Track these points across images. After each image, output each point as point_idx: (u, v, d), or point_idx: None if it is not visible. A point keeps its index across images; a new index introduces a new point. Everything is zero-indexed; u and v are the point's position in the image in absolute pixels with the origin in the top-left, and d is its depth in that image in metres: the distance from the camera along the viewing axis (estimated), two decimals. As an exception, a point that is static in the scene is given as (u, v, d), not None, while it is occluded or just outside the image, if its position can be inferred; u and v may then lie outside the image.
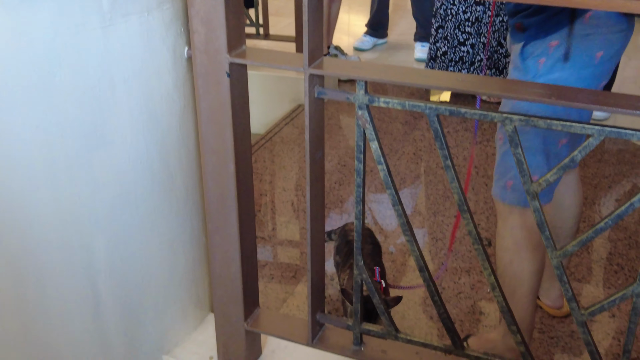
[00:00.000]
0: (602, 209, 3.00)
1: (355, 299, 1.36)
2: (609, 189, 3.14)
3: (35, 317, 1.29)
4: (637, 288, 1.13)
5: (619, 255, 2.61)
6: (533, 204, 1.13)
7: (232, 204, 1.32)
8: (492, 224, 2.85)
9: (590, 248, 2.65)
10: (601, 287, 2.43)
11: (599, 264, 2.57)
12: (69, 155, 1.22)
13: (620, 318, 2.23)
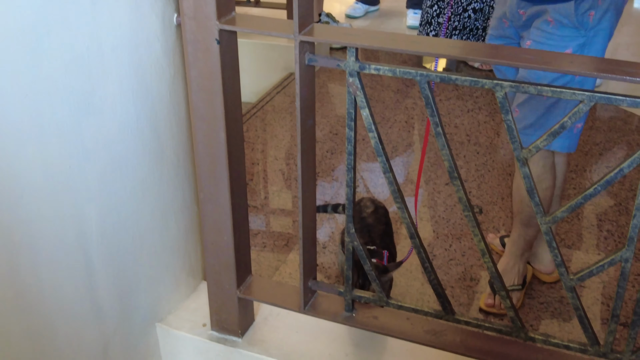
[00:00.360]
0: (593, 175, 3.01)
1: (347, 266, 1.37)
2: (600, 156, 3.15)
3: (29, 285, 1.29)
4: (625, 253, 1.14)
5: (608, 221, 2.63)
6: (523, 170, 1.13)
7: (224, 172, 1.32)
8: (483, 192, 2.87)
9: (580, 215, 2.67)
10: (591, 253, 2.45)
11: (588, 230, 2.59)
12: (58, 123, 1.21)
13: (609, 284, 2.26)
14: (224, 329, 1.52)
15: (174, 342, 1.57)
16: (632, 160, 1.07)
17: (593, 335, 1.23)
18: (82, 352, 1.47)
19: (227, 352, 1.51)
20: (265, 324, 1.56)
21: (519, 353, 1.30)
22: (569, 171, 3.00)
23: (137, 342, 1.54)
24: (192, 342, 1.54)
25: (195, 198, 1.56)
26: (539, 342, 1.27)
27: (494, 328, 1.30)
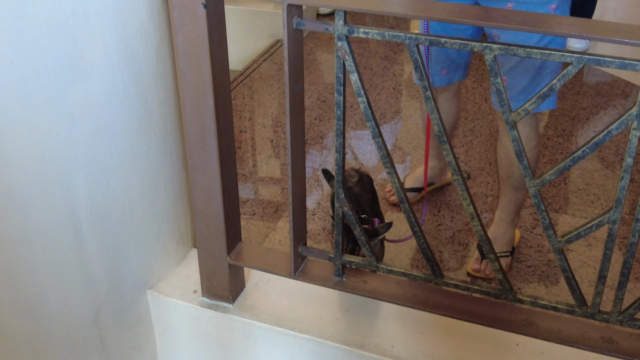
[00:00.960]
0: (580, 140, 3.03)
1: (336, 231, 1.38)
2: (586, 120, 3.16)
3: (18, 254, 1.29)
4: (612, 215, 1.15)
5: (595, 185, 2.65)
6: (512, 134, 1.14)
7: (212, 139, 1.31)
8: (471, 157, 2.87)
9: (567, 179, 2.68)
10: (578, 217, 2.47)
11: (575, 194, 2.61)
12: (44, 90, 1.20)
13: (596, 247, 2.28)
14: (215, 295, 1.53)
15: (165, 308, 1.58)
16: (620, 122, 1.08)
17: (580, 296, 1.24)
18: (73, 319, 1.48)
19: (218, 318, 1.52)
20: (255, 290, 1.57)
21: (508, 315, 1.32)
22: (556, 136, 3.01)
23: (128, 309, 1.55)
24: (183, 308, 1.55)
25: (184, 165, 1.55)
26: (527, 303, 1.28)
27: (483, 291, 1.31)
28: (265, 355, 1.53)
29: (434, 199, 2.60)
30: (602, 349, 1.25)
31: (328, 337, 1.44)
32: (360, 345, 1.42)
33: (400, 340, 1.43)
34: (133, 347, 1.60)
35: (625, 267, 1.18)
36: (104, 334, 1.53)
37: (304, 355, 1.48)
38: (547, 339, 1.28)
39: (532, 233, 2.39)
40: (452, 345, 1.42)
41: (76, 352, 1.52)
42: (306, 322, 1.48)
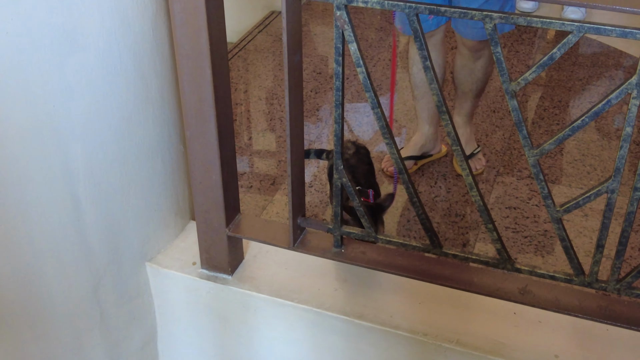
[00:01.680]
0: (576, 111, 3.03)
1: (335, 203, 1.38)
2: (582, 91, 3.16)
3: (16, 226, 1.29)
4: (611, 184, 1.15)
5: (591, 156, 2.66)
6: (512, 103, 1.13)
7: (210, 109, 1.31)
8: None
9: (563, 150, 2.69)
10: (574, 187, 2.48)
11: (572, 165, 2.61)
12: (41, 62, 1.19)
13: (592, 217, 2.30)
14: (214, 267, 1.53)
15: (164, 280, 1.58)
16: (620, 91, 1.07)
17: (578, 265, 1.25)
18: (72, 291, 1.48)
19: (218, 290, 1.52)
20: (254, 262, 1.57)
21: (505, 284, 1.33)
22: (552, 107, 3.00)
23: (127, 281, 1.55)
24: (182, 280, 1.55)
25: (182, 137, 1.55)
26: (525, 273, 1.29)
27: (481, 260, 1.32)
28: (265, 326, 1.54)
29: (430, 171, 2.60)
30: (599, 317, 1.26)
31: (327, 308, 1.45)
32: (359, 316, 1.43)
33: (398, 310, 1.44)
34: (133, 318, 1.61)
35: (623, 236, 1.18)
36: (104, 306, 1.54)
37: (303, 326, 1.49)
38: (544, 308, 1.29)
39: (528, 204, 2.40)
40: (449, 315, 1.43)
41: (76, 324, 1.53)
42: (305, 292, 1.49)
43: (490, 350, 1.35)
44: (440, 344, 1.37)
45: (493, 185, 2.50)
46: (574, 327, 1.39)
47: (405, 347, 1.41)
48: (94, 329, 1.56)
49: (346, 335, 1.45)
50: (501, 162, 2.64)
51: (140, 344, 1.66)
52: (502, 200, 2.41)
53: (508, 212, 2.35)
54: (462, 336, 1.38)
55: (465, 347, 1.36)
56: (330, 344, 1.49)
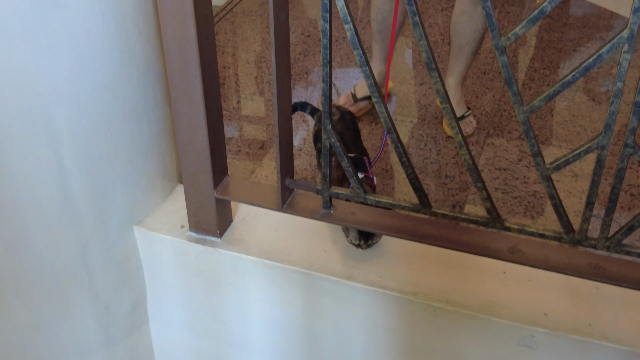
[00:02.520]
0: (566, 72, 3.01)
1: (324, 164, 1.37)
2: (573, 52, 3.14)
3: (1, 190, 1.27)
4: (601, 141, 1.14)
5: (581, 117, 2.65)
6: (502, 59, 1.12)
7: (196, 70, 1.28)
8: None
9: (553, 111, 2.68)
10: (564, 149, 2.48)
11: (562, 126, 2.61)
12: (21, 21, 1.16)
13: (581, 178, 2.30)
14: (203, 230, 1.52)
15: (153, 243, 1.57)
16: (611, 45, 1.06)
17: (568, 223, 1.24)
18: (60, 256, 1.47)
19: (207, 252, 1.52)
20: (243, 224, 1.56)
21: (495, 243, 1.33)
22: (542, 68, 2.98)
23: (115, 246, 1.54)
24: (171, 243, 1.54)
25: (167, 99, 1.53)
26: (514, 231, 1.29)
27: (470, 220, 1.31)
28: (254, 288, 1.54)
29: (420, 133, 2.59)
30: (588, 275, 1.27)
31: (316, 269, 1.45)
32: (349, 277, 1.43)
33: (388, 270, 1.44)
34: (122, 282, 1.60)
35: (613, 193, 1.18)
36: (92, 270, 1.53)
37: (292, 287, 1.49)
38: (534, 266, 1.29)
39: (518, 165, 2.39)
40: (439, 275, 1.43)
41: (64, 288, 1.52)
42: (294, 254, 1.48)
43: (479, 309, 1.35)
44: (429, 303, 1.37)
45: (483, 146, 2.49)
46: (563, 285, 1.39)
47: (395, 307, 1.41)
48: (82, 294, 1.55)
49: (336, 296, 1.45)
50: (491, 123, 2.63)
51: (130, 307, 1.65)
52: (492, 161, 2.41)
53: (498, 174, 2.35)
54: (451, 295, 1.38)
55: (455, 306, 1.36)
56: (319, 305, 1.49)
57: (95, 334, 1.63)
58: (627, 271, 1.26)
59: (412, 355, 1.48)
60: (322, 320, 1.52)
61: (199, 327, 1.70)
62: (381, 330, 1.47)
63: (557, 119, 2.63)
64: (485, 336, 1.37)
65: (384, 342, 1.49)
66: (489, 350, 1.39)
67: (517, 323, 1.33)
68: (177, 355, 1.81)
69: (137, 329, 1.71)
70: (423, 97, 2.80)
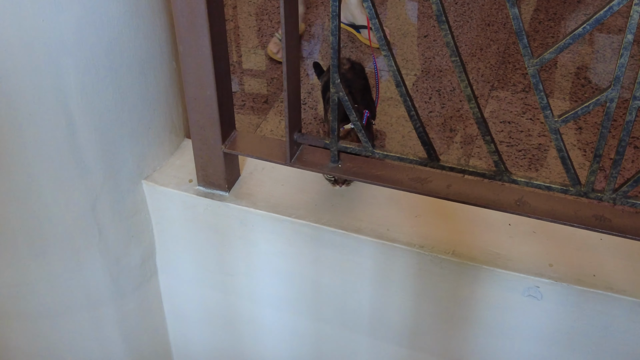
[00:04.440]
0: (571, 23, 2.98)
1: (332, 117, 1.37)
2: (578, 4, 3.11)
3: (11, 143, 1.28)
4: (610, 93, 1.14)
5: (586, 69, 2.64)
6: (513, 12, 1.11)
7: (204, 22, 1.27)
8: (462, 43, 2.83)
9: (558, 63, 2.67)
10: (568, 101, 2.48)
11: (566, 78, 2.60)
12: (26, -26, 1.15)
13: (586, 130, 2.30)
14: (211, 184, 1.53)
15: (161, 197, 1.59)
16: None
17: (575, 175, 1.25)
18: (70, 209, 1.48)
19: (215, 206, 1.53)
20: (251, 178, 1.57)
21: (501, 196, 1.34)
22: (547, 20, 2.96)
23: (124, 199, 1.55)
24: (179, 197, 1.56)
25: (174, 53, 1.52)
26: (521, 184, 1.30)
27: (477, 173, 1.32)
28: (262, 241, 1.56)
29: (425, 87, 2.58)
30: (594, 226, 1.28)
31: (324, 223, 1.46)
32: (357, 230, 1.44)
33: (395, 223, 1.45)
34: (131, 236, 1.62)
35: (620, 145, 1.18)
36: (102, 223, 1.54)
37: (301, 240, 1.51)
38: (539, 218, 1.31)
39: (522, 118, 2.39)
40: (446, 227, 1.45)
41: (75, 240, 1.54)
42: (302, 208, 1.49)
43: (485, 261, 1.37)
44: (436, 255, 1.39)
45: (487, 99, 2.49)
46: (568, 236, 1.41)
47: (402, 259, 1.43)
48: (92, 247, 1.57)
49: (343, 248, 1.47)
50: (495, 76, 2.62)
51: (139, 260, 1.68)
52: (497, 114, 2.41)
53: (502, 127, 2.35)
54: (457, 247, 1.40)
55: (461, 258, 1.38)
56: (327, 257, 1.51)
57: (106, 286, 1.66)
58: (633, 223, 1.28)
59: (418, 306, 1.51)
60: (330, 272, 1.54)
61: (207, 279, 1.72)
62: (388, 282, 1.49)
63: (561, 71, 2.62)
64: (490, 287, 1.39)
65: (391, 293, 1.51)
66: (495, 300, 1.41)
67: (522, 274, 1.35)
68: (186, 307, 1.84)
69: (147, 281, 1.74)
70: (427, 49, 2.79)
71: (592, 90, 2.51)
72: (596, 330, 1.36)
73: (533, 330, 1.43)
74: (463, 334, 1.51)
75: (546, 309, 1.37)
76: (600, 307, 1.33)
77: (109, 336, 1.77)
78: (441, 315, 1.50)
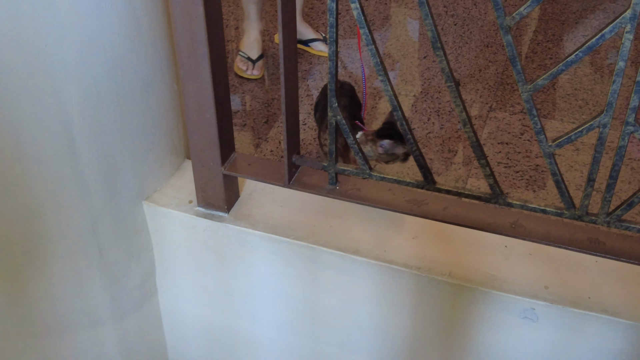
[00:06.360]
0: (569, 45, 3.01)
1: (330, 140, 1.39)
2: (576, 24, 3.14)
3: (14, 166, 1.30)
4: (603, 119, 1.16)
5: (584, 90, 2.66)
6: (506, 39, 1.13)
7: (204, 47, 1.30)
8: (461, 64, 2.86)
9: (556, 84, 2.69)
10: (566, 122, 2.50)
11: (564, 99, 2.62)
12: (31, 1, 1.17)
13: (583, 151, 2.32)
14: (210, 205, 1.55)
15: (162, 218, 1.60)
16: (613, 26, 1.07)
17: (569, 198, 1.27)
18: (71, 230, 1.50)
19: (214, 227, 1.55)
20: (250, 200, 1.59)
21: (497, 218, 1.35)
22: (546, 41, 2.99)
23: (125, 220, 1.57)
24: (179, 218, 1.57)
25: (175, 76, 1.54)
26: (516, 207, 1.31)
27: (474, 195, 1.34)
28: (261, 262, 1.57)
29: (424, 107, 2.61)
30: (588, 249, 1.30)
31: (323, 244, 1.48)
32: (354, 251, 1.46)
33: (392, 245, 1.47)
34: (131, 256, 1.63)
35: (614, 170, 1.20)
36: (102, 244, 1.56)
37: (299, 261, 1.52)
38: (535, 241, 1.32)
39: (520, 139, 2.41)
40: (443, 249, 1.46)
41: (76, 261, 1.56)
42: (301, 229, 1.51)
43: (481, 282, 1.39)
44: (432, 277, 1.40)
45: (486, 120, 2.51)
46: (563, 259, 1.42)
47: (399, 280, 1.44)
48: (93, 266, 1.58)
49: (341, 270, 1.48)
50: (494, 97, 2.64)
51: (140, 280, 1.69)
52: (495, 135, 2.43)
53: (500, 148, 2.37)
54: (454, 269, 1.41)
55: (457, 280, 1.39)
56: (325, 279, 1.52)
57: (106, 305, 1.67)
58: (627, 246, 1.29)
59: (415, 327, 1.52)
60: (328, 293, 1.55)
61: (206, 299, 1.74)
62: (386, 303, 1.50)
63: (559, 92, 2.64)
64: (487, 309, 1.41)
65: (389, 314, 1.52)
66: (491, 322, 1.42)
67: (518, 296, 1.36)
68: (186, 327, 1.85)
69: (147, 301, 1.75)
70: (426, 70, 2.81)
71: (590, 112, 2.53)
72: (591, 353, 1.37)
73: (529, 352, 1.44)
74: (459, 355, 1.52)
75: (542, 330, 1.39)
76: (595, 330, 1.34)
77: (108, 355, 1.78)
78: (438, 336, 1.51)
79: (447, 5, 3.27)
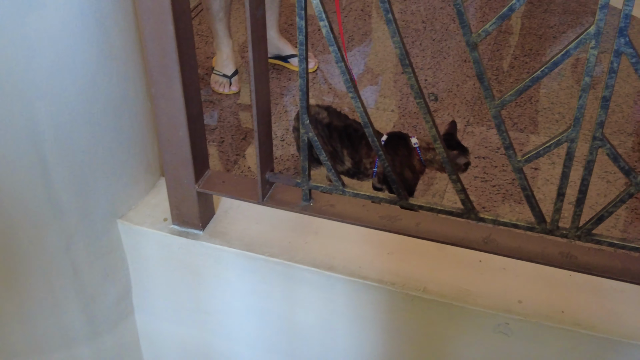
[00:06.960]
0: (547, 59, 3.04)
1: (302, 157, 1.39)
2: (553, 39, 3.17)
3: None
4: (570, 134, 1.18)
5: (560, 104, 2.69)
6: (473, 55, 1.14)
7: (175, 66, 1.30)
8: (439, 79, 2.88)
9: (532, 99, 2.71)
10: (542, 136, 2.52)
11: (541, 114, 2.64)
12: (1, 19, 1.17)
13: (559, 165, 2.33)
14: (185, 223, 1.55)
15: (136, 237, 1.60)
16: (578, 42, 1.09)
17: (540, 213, 1.28)
18: (45, 250, 1.49)
19: (189, 245, 1.54)
20: (225, 217, 1.59)
21: (470, 234, 1.36)
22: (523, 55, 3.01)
23: (99, 239, 1.56)
24: (154, 236, 1.57)
25: (148, 93, 1.54)
26: (488, 222, 1.32)
27: (446, 211, 1.34)
28: (237, 279, 1.57)
29: (402, 122, 2.62)
30: (560, 264, 1.30)
31: (298, 260, 1.48)
32: (329, 267, 1.46)
33: (367, 261, 1.47)
34: (106, 275, 1.62)
35: (582, 185, 1.21)
36: (77, 263, 1.55)
37: (274, 278, 1.52)
38: (507, 256, 1.33)
39: (497, 153, 2.43)
40: (417, 264, 1.46)
41: (50, 280, 1.55)
42: (276, 246, 1.51)
43: (455, 297, 1.39)
44: (407, 292, 1.40)
45: (463, 135, 2.52)
46: (537, 273, 1.43)
47: (374, 296, 1.44)
48: (68, 286, 1.57)
49: (317, 286, 1.48)
50: (471, 112, 2.66)
51: (115, 299, 1.68)
52: (472, 150, 2.44)
53: (477, 162, 2.38)
54: (428, 284, 1.41)
55: (432, 295, 1.40)
56: (301, 295, 1.52)
57: (81, 325, 1.66)
58: (598, 260, 1.30)
59: (391, 342, 1.52)
60: (304, 310, 1.55)
61: (183, 317, 1.73)
62: (361, 319, 1.50)
63: (536, 106, 2.67)
64: (461, 323, 1.41)
65: (364, 330, 1.52)
66: (465, 337, 1.43)
67: (492, 310, 1.37)
68: (163, 345, 1.84)
69: (123, 319, 1.74)
70: (405, 85, 2.83)
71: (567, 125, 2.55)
72: (565, 366, 1.38)
73: (504, 367, 1.44)
74: (436, 370, 1.52)
75: (516, 345, 1.39)
76: (569, 344, 1.35)
77: (84, 375, 1.76)
78: (413, 352, 1.51)
79: (425, 21, 3.30)
